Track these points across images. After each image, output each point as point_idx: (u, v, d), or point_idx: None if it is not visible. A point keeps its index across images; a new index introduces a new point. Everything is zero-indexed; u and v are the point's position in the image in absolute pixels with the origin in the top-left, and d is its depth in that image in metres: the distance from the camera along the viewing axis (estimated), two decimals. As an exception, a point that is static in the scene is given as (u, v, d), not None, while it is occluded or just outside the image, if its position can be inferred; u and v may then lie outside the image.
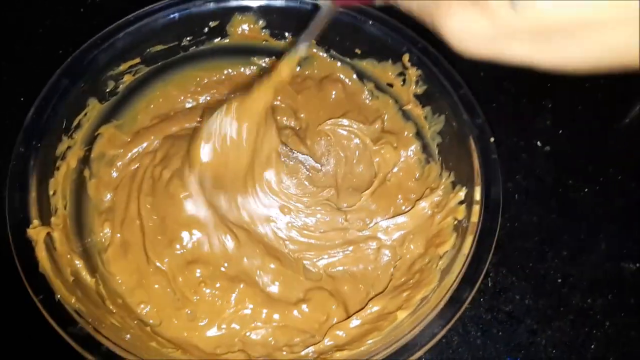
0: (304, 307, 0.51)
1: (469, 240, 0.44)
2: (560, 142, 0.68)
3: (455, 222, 0.49)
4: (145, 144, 0.59)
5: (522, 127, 0.68)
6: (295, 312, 0.50)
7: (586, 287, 0.59)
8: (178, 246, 0.53)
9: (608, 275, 0.60)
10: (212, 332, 0.50)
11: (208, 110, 0.54)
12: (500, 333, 0.57)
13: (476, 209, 0.46)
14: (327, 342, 0.47)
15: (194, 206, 0.53)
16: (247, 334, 0.50)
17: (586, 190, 0.65)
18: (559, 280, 0.60)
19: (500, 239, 0.48)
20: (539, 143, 0.68)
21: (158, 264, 0.52)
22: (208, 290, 0.50)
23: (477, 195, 0.47)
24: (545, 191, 0.65)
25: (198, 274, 0.51)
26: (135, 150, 0.59)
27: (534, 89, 0.71)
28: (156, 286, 0.51)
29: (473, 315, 0.57)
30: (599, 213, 0.63)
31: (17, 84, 0.69)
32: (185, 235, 0.53)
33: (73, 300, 0.42)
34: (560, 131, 0.69)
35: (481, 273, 0.42)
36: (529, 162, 0.66)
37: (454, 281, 0.42)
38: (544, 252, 0.61)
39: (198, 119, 0.60)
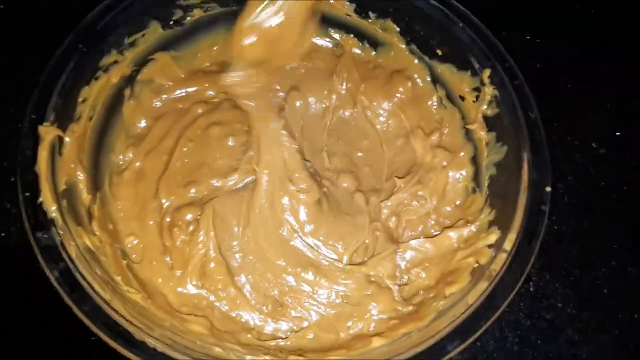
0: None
1: (480, 288, 0.38)
2: (617, 145, 0.63)
3: (476, 265, 0.43)
4: (196, 88, 0.57)
5: (578, 126, 0.63)
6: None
7: (635, 302, 0.54)
8: (193, 190, 0.51)
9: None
10: (185, 289, 0.47)
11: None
12: (539, 342, 0.52)
13: (502, 257, 0.39)
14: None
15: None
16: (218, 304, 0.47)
17: (642, 199, 0.58)
18: (606, 292, 0.54)
19: (545, 242, 0.43)
20: (594, 144, 0.63)
21: (163, 200, 0.50)
22: (183, 237, 0.48)
23: (508, 245, 0.40)
24: (598, 196, 0.60)
25: (188, 218, 0.49)
26: (185, 90, 0.56)
27: (593, 86, 0.65)
28: (151, 222, 0.49)
29: (511, 320, 0.53)
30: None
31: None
32: (208, 185, 0.51)
33: (54, 208, 0.41)
34: (618, 133, 0.63)
35: (476, 332, 0.36)
36: (583, 164, 0.61)
37: (444, 328, 0.36)
38: (592, 260, 0.56)
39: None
